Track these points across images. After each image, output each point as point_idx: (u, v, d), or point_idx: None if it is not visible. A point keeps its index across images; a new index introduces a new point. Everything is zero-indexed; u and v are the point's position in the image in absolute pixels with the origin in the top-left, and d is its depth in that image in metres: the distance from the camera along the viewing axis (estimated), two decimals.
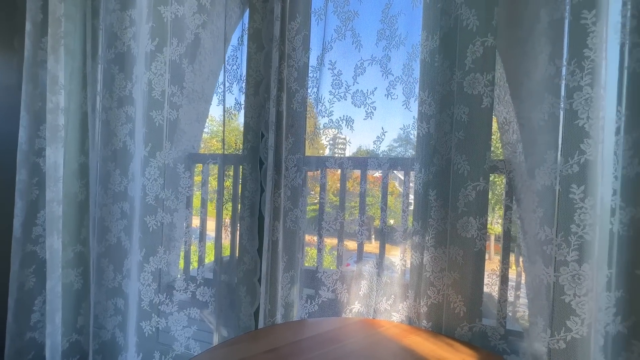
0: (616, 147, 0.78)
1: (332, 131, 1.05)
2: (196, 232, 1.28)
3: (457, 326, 0.89)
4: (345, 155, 1.05)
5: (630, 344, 0.75)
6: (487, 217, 0.87)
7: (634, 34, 0.76)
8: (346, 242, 1.12)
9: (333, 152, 1.10)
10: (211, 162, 1.23)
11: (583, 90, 0.73)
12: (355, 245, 1.07)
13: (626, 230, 0.76)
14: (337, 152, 1.09)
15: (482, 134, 0.87)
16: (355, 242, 1.08)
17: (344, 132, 1.01)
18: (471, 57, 0.87)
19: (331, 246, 1.12)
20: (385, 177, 1.05)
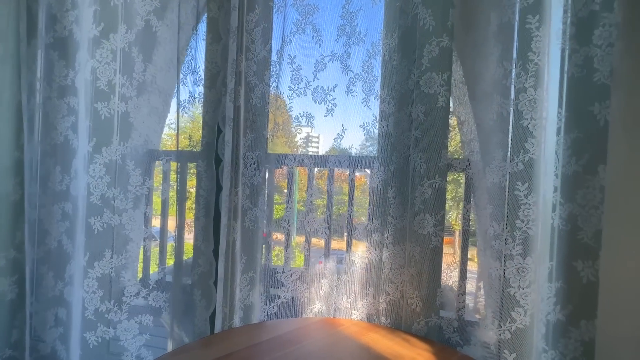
0: (557, 146, 0.83)
1: (294, 128, 1.02)
2: (150, 234, 1.20)
3: (414, 321, 0.90)
4: (307, 153, 1.04)
5: (568, 330, 0.81)
6: (443, 214, 0.90)
7: (573, 40, 0.81)
8: (313, 240, 1.11)
9: (297, 149, 1.08)
10: (165, 159, 1.16)
11: (527, 91, 0.76)
12: (323, 243, 1.06)
13: (565, 225, 0.81)
14: (301, 149, 1.07)
15: (438, 132, 0.89)
16: (320, 240, 1.07)
17: (304, 129, 0.99)
18: (428, 57, 0.88)
19: (299, 244, 1.10)
20: (352, 173, 1.05)
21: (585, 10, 0.79)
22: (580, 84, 0.79)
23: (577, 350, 0.79)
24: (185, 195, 1.16)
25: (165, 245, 1.24)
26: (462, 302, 0.90)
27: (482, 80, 0.91)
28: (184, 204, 1.12)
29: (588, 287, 0.79)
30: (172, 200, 1.17)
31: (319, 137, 1.14)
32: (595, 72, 0.77)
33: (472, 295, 0.99)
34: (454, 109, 1.07)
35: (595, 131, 0.78)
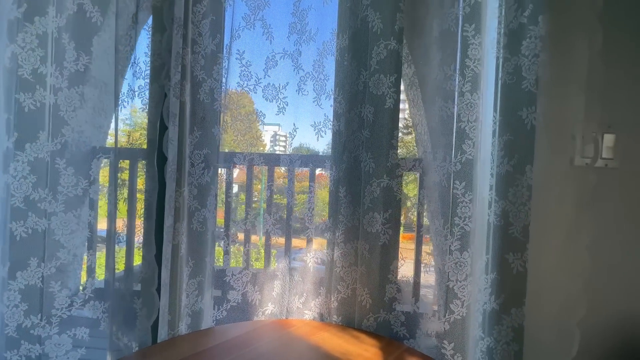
0: (492, 148, 0.90)
1: (244, 125, 0.99)
2: (86, 238, 1.10)
3: (364, 318, 0.92)
4: (256, 152, 1.01)
5: (501, 318, 0.87)
6: (392, 212, 0.92)
7: (506, 49, 0.87)
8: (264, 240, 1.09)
9: (247, 148, 1.04)
10: (103, 158, 1.07)
11: (464, 95, 0.81)
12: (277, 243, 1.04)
13: (499, 221, 0.88)
14: (252, 148, 1.04)
15: (386, 133, 0.91)
16: (276, 239, 1.05)
17: (255, 127, 0.96)
18: (376, 59, 0.90)
19: (250, 246, 1.07)
20: (312, 171, 1.04)
21: (515, 22, 0.85)
22: (511, 91, 0.86)
23: (508, 336, 0.86)
24: (127, 197, 1.07)
25: (112, 250, 1.14)
26: (407, 297, 0.94)
27: (428, 84, 0.96)
28: (124, 205, 1.04)
29: (518, 277, 0.86)
30: (115, 201, 1.08)
31: (272, 136, 1.12)
32: (524, 80, 0.84)
33: (428, 289, 1.04)
34: (409, 110, 1.11)
35: (523, 134, 0.85)
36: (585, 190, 0.84)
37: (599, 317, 0.87)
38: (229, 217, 1.08)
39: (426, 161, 0.97)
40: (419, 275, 1.04)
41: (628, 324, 0.89)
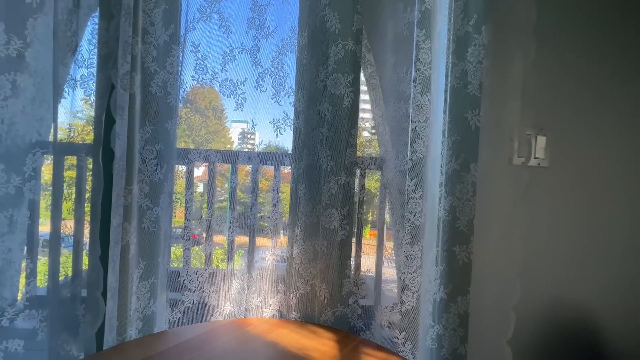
0: (442, 147, 0.95)
1: (200, 121, 0.96)
2: (18, 242, 0.99)
3: (323, 313, 0.94)
4: (212, 148, 0.98)
5: (449, 306, 0.93)
6: (349, 209, 0.94)
7: (454, 55, 0.93)
8: (220, 239, 1.06)
9: (203, 144, 1.01)
10: (43, 152, 0.97)
11: (415, 97, 0.85)
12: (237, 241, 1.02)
13: (447, 216, 0.94)
14: (207, 144, 1.01)
15: (344, 131, 0.93)
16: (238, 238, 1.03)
17: (211, 122, 0.94)
18: (334, 58, 0.92)
19: (207, 245, 1.04)
20: (278, 169, 1.02)
21: (462, 30, 0.91)
22: (458, 94, 0.92)
23: (455, 322, 0.92)
24: (71, 195, 0.99)
25: (56, 254, 1.04)
26: (364, 291, 0.97)
27: (385, 85, 0.99)
28: (63, 204, 0.95)
29: (463, 268, 0.92)
30: (58, 201, 0.99)
31: (240, 133, 1.10)
32: (469, 84, 0.91)
33: (387, 283, 1.08)
34: (372, 110, 1.14)
35: (469, 135, 0.92)
36: (521, 186, 0.92)
37: (531, 301, 0.97)
38: (189, 215, 1.04)
39: (388, 160, 1.01)
40: (380, 269, 1.08)
41: (557, 306, 1.00)
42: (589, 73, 0.99)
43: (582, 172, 1.00)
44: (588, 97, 1.00)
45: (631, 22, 0.99)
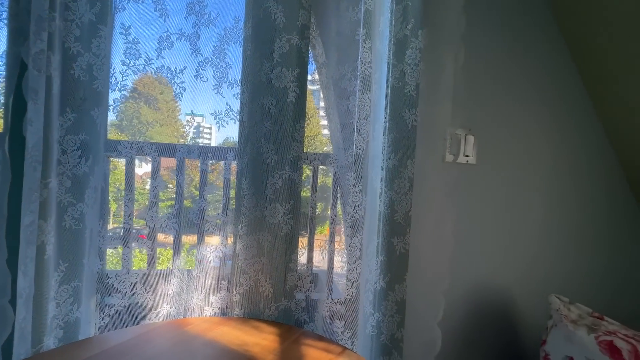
0: (383, 144, 1.00)
1: (131, 106, 0.89)
2: None
3: (267, 308, 0.93)
4: (147, 140, 0.92)
5: (388, 294, 0.99)
6: (294, 203, 0.95)
7: (394, 56, 0.98)
8: (161, 237, 1.00)
9: (136, 135, 0.94)
10: None
11: (356, 95, 0.88)
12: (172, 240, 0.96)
13: (386, 209, 0.99)
14: (141, 137, 0.94)
15: (288, 126, 0.93)
16: (169, 236, 0.97)
17: (144, 111, 0.87)
18: (278, 52, 0.91)
19: (142, 243, 0.97)
20: (228, 164, 0.98)
21: (401, 33, 0.96)
22: (397, 94, 0.97)
23: (393, 309, 0.98)
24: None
25: None
26: (308, 284, 0.98)
27: (332, 82, 1.01)
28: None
29: (401, 258, 0.98)
30: None
31: (196, 127, 1.03)
32: (407, 85, 0.96)
33: (335, 276, 1.10)
34: (325, 106, 1.15)
35: (406, 133, 0.97)
36: (451, 182, 1.01)
37: (459, 286, 1.07)
38: (128, 213, 0.96)
39: (338, 155, 1.03)
40: (332, 264, 1.09)
41: (481, 290, 1.11)
42: (512, 79, 1.11)
43: (504, 169, 1.12)
44: (511, 101, 1.11)
45: (548, 34, 1.12)
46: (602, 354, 0.79)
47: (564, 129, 1.15)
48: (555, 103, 1.13)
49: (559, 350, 0.88)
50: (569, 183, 1.15)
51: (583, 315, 0.90)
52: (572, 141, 1.15)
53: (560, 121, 1.14)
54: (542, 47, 1.11)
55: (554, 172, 1.14)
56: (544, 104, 1.13)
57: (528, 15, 1.10)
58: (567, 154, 1.15)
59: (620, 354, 0.77)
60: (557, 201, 1.15)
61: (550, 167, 1.14)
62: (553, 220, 1.14)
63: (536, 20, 1.10)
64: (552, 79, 1.13)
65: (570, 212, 1.16)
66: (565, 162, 1.15)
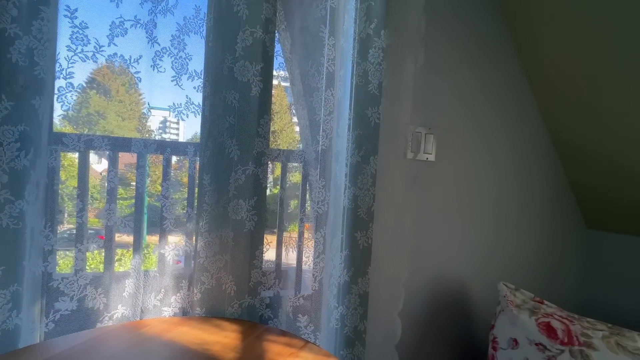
0: (347, 140, 1.02)
1: (81, 96, 0.83)
2: None
3: (229, 306, 0.92)
4: (96, 133, 0.86)
5: (351, 288, 1.01)
6: (258, 199, 0.94)
7: (358, 55, 1.00)
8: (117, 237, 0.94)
9: (84, 128, 0.88)
10: None
11: (319, 91, 0.89)
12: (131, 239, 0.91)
13: (350, 204, 1.01)
14: (88, 129, 0.88)
15: (252, 120, 0.92)
16: (125, 236, 0.92)
17: (96, 101, 0.82)
18: (241, 45, 0.89)
19: (94, 243, 0.91)
20: (193, 160, 0.94)
21: (364, 32, 0.98)
22: (361, 92, 0.99)
23: (356, 302, 1.01)
24: None
25: None
26: (272, 280, 0.98)
27: (299, 78, 1.01)
28: None
29: (364, 252, 1.01)
30: None
31: (162, 122, 0.98)
32: (369, 83, 0.98)
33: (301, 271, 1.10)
34: (294, 102, 1.14)
35: (369, 130, 1.00)
36: (411, 178, 1.05)
37: (418, 278, 1.12)
38: (80, 211, 0.89)
39: (307, 151, 1.03)
40: (300, 260, 1.09)
41: (438, 280, 1.17)
42: (468, 81, 1.17)
43: (460, 166, 1.18)
44: (467, 102, 1.18)
45: (498, 37, 1.20)
46: (540, 334, 0.87)
47: (511, 129, 1.24)
48: (505, 105, 1.22)
49: (505, 333, 0.95)
50: (515, 179, 1.25)
51: (526, 300, 0.98)
52: (518, 141, 1.24)
53: (508, 122, 1.23)
54: (493, 50, 1.19)
55: (502, 169, 1.23)
56: (494, 107, 1.21)
57: (481, 18, 1.17)
58: (513, 153, 1.24)
59: (556, 333, 0.86)
60: (505, 196, 1.24)
61: (499, 164, 1.23)
62: (501, 213, 1.23)
63: (487, 24, 1.17)
64: (502, 82, 1.21)
65: (515, 207, 1.26)
66: (512, 160, 1.24)
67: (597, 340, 0.81)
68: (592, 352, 0.80)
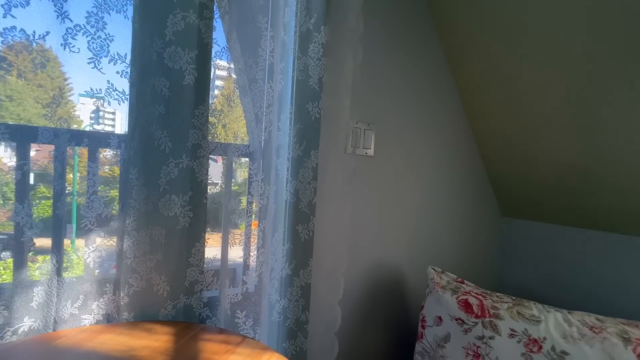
0: (289, 135, 1.02)
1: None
2: None
3: (162, 307, 0.87)
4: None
5: (293, 280, 1.02)
6: (193, 195, 0.89)
7: (299, 49, 1.00)
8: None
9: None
10: None
11: (257, 82, 0.87)
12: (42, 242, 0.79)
13: (292, 198, 1.01)
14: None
15: (186, 111, 0.87)
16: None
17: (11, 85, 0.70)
18: (172, 29, 0.83)
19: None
20: (116, 153, 0.84)
21: (304, 26, 0.98)
22: (302, 86, 1.00)
23: (298, 294, 1.02)
24: None
25: None
26: (211, 277, 0.95)
27: (241, 69, 0.97)
28: None
29: (305, 244, 1.03)
30: None
31: (94, 111, 0.86)
32: (310, 78, 0.99)
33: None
34: (240, 95, 1.09)
35: (310, 124, 1.01)
36: (351, 171, 1.09)
37: (357, 267, 1.18)
38: None
39: (252, 145, 1.00)
40: (247, 256, 1.06)
41: (376, 268, 1.25)
42: (404, 79, 1.25)
43: (396, 161, 1.26)
44: (402, 100, 1.26)
45: (427, 40, 1.30)
46: (460, 310, 0.98)
47: (441, 125, 1.35)
48: (434, 104, 1.33)
49: (432, 312, 1.05)
50: (444, 172, 1.37)
51: (450, 281, 1.10)
52: (447, 137, 1.37)
53: (437, 120, 1.34)
54: (423, 52, 1.29)
55: (433, 163, 1.34)
56: (426, 104, 1.31)
57: (411, 20, 1.25)
58: (442, 148, 1.36)
59: (472, 308, 0.98)
60: (435, 188, 1.36)
61: (430, 159, 1.34)
62: (432, 204, 1.35)
63: (417, 25, 1.26)
64: (431, 81, 1.31)
65: (444, 197, 1.39)
66: (441, 154, 1.36)
67: (503, 311, 0.94)
68: (499, 322, 0.93)
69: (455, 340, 0.98)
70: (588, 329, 0.84)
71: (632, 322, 0.86)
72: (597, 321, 0.86)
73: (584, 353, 0.81)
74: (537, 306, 0.94)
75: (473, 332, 0.95)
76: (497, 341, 0.91)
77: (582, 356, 0.81)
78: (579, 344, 0.83)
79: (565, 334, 0.85)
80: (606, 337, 0.82)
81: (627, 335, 0.81)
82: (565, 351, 0.83)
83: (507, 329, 0.91)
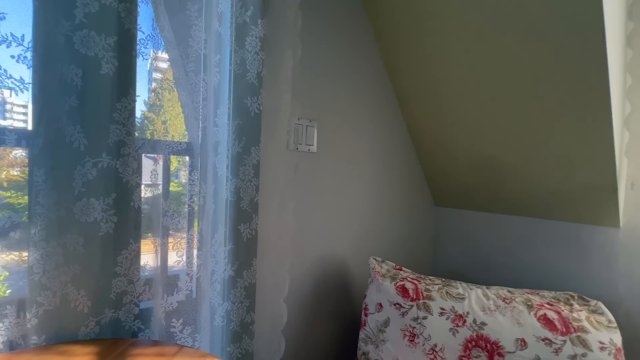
0: (228, 131, 0.98)
1: None
2: None
3: (82, 325, 0.77)
4: None
5: (236, 281, 0.99)
6: (117, 197, 0.80)
7: (235, 42, 0.96)
8: None
9: None
10: None
11: (188, 75, 0.82)
12: None
13: (233, 197, 0.98)
14: None
15: (104, 104, 0.77)
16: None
17: None
18: (83, 10, 0.73)
19: None
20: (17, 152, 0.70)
21: (241, 18, 0.95)
22: (239, 80, 0.96)
23: (242, 295, 0.99)
24: None
25: None
26: (142, 287, 0.87)
27: (174, 62, 0.89)
28: None
29: (248, 244, 1.00)
30: None
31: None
32: (248, 72, 0.96)
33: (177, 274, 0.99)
34: (177, 89, 0.99)
35: (249, 120, 0.98)
36: (293, 168, 1.09)
37: (302, 263, 1.19)
38: None
39: (192, 141, 0.92)
40: (191, 262, 0.98)
41: (321, 263, 1.27)
42: (344, 76, 1.28)
43: (339, 157, 1.30)
44: (343, 97, 1.29)
45: (365, 38, 1.35)
46: (397, 295, 1.06)
47: (379, 121, 1.42)
48: (373, 103, 1.39)
49: (373, 300, 1.11)
50: (383, 166, 1.45)
51: (389, 269, 1.17)
52: (384, 132, 1.44)
53: (377, 118, 1.41)
54: (361, 53, 1.34)
55: (373, 158, 1.41)
56: (365, 101, 1.37)
57: (351, 19, 1.29)
58: (381, 143, 1.43)
59: (408, 292, 1.05)
60: (375, 181, 1.43)
61: (370, 153, 1.40)
62: (372, 197, 1.42)
63: (354, 24, 1.30)
64: (369, 79, 1.37)
65: (383, 190, 1.47)
66: (380, 149, 1.44)
67: (434, 293, 1.03)
68: (431, 302, 1.02)
69: (393, 323, 1.05)
70: (501, 301, 0.97)
71: (534, 291, 1.02)
72: (508, 293, 1.00)
73: (499, 322, 0.93)
74: (462, 285, 1.05)
75: (409, 314, 1.03)
76: (430, 320, 1.00)
77: (497, 324, 0.93)
78: (494, 315, 0.95)
79: (484, 307, 0.97)
80: (515, 306, 0.95)
81: (530, 303, 0.95)
82: (484, 322, 0.95)
83: (438, 308, 1.01)
